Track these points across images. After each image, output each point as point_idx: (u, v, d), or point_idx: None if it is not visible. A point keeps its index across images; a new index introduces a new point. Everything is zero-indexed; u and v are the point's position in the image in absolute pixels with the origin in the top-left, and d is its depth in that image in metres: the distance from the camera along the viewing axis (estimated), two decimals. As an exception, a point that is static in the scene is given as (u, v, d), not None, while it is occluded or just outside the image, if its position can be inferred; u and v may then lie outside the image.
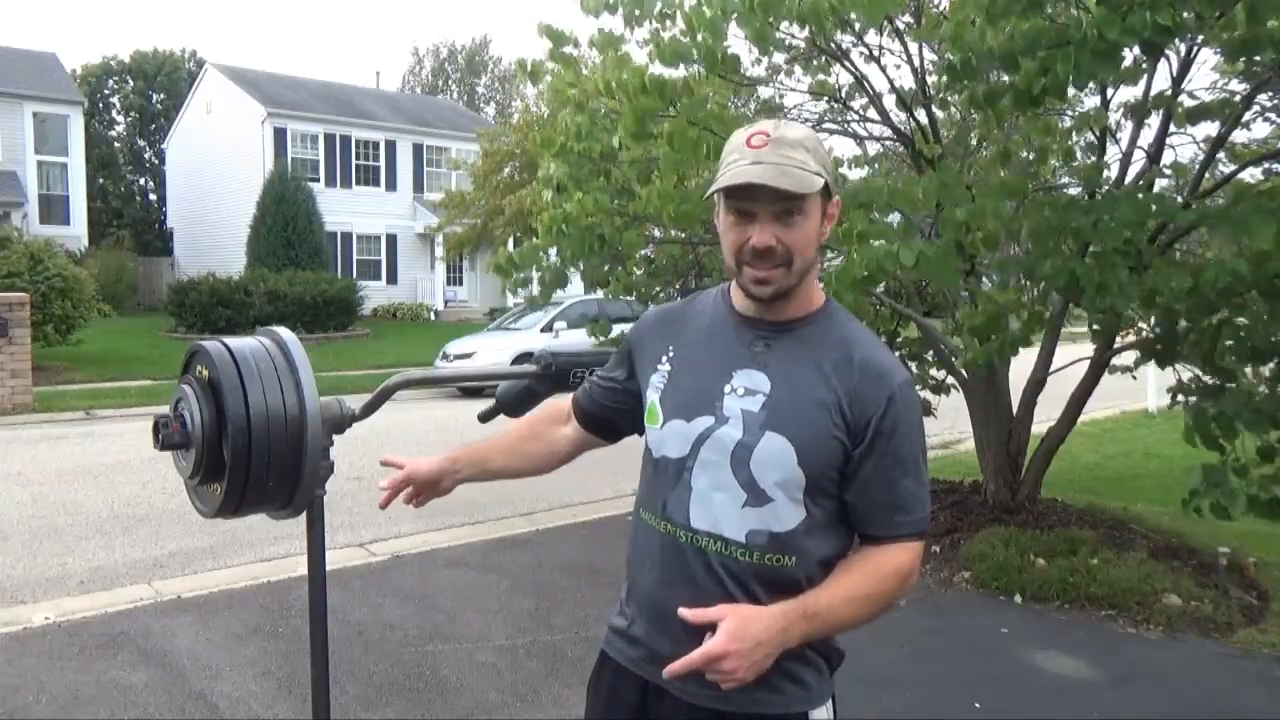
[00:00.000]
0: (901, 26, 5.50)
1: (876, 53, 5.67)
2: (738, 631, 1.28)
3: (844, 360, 1.39)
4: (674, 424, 1.44)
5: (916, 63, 5.62)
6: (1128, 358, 5.42)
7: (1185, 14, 3.12)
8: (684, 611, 1.32)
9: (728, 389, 1.41)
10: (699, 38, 4.54)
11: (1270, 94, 4.65)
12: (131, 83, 37.32)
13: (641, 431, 1.63)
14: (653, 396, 1.50)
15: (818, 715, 1.45)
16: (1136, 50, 3.32)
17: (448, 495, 1.79)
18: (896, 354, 6.57)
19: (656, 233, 6.21)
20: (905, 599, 1.45)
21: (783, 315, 1.44)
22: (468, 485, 1.80)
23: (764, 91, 6.12)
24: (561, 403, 1.75)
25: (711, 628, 1.30)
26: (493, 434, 1.83)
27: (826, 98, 5.98)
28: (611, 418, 1.68)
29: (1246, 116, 4.71)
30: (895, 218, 4.81)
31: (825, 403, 1.37)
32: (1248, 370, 4.17)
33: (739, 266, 1.40)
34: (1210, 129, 4.57)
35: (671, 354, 1.50)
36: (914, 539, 1.42)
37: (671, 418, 1.45)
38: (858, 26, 5.31)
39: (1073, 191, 5.32)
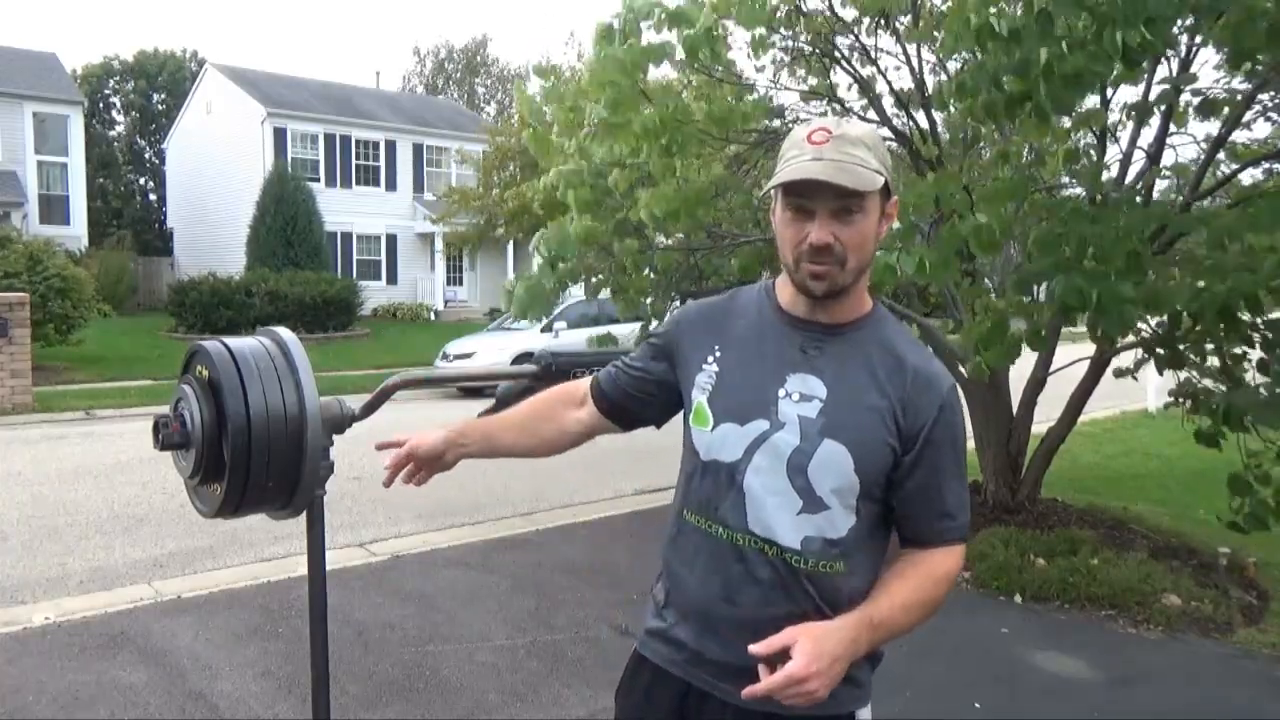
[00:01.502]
0: (901, 29, 5.50)
1: (874, 54, 5.67)
2: (815, 651, 1.26)
3: (896, 367, 1.39)
4: (726, 427, 1.41)
5: (915, 64, 5.63)
6: (1127, 358, 5.42)
7: (1169, 28, 3.14)
8: (754, 648, 1.28)
9: (782, 393, 1.39)
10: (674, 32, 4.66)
11: (1272, 93, 4.64)
12: (133, 83, 37.31)
13: (659, 425, 1.64)
14: (699, 397, 1.45)
15: (864, 715, 1.45)
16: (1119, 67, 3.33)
17: (449, 472, 1.75)
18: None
19: (662, 238, 6.22)
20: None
21: (834, 318, 1.42)
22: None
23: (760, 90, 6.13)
24: (575, 385, 1.71)
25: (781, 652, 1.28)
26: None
27: (825, 99, 5.98)
28: (633, 407, 1.63)
29: (1247, 116, 4.70)
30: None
31: (880, 409, 1.37)
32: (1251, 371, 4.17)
33: (795, 263, 1.37)
34: (1211, 128, 4.57)
35: (718, 353, 1.47)
36: (959, 543, 1.44)
37: (723, 420, 1.42)
38: (854, 30, 5.33)
39: (1070, 193, 5.32)
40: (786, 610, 1.36)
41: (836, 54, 5.62)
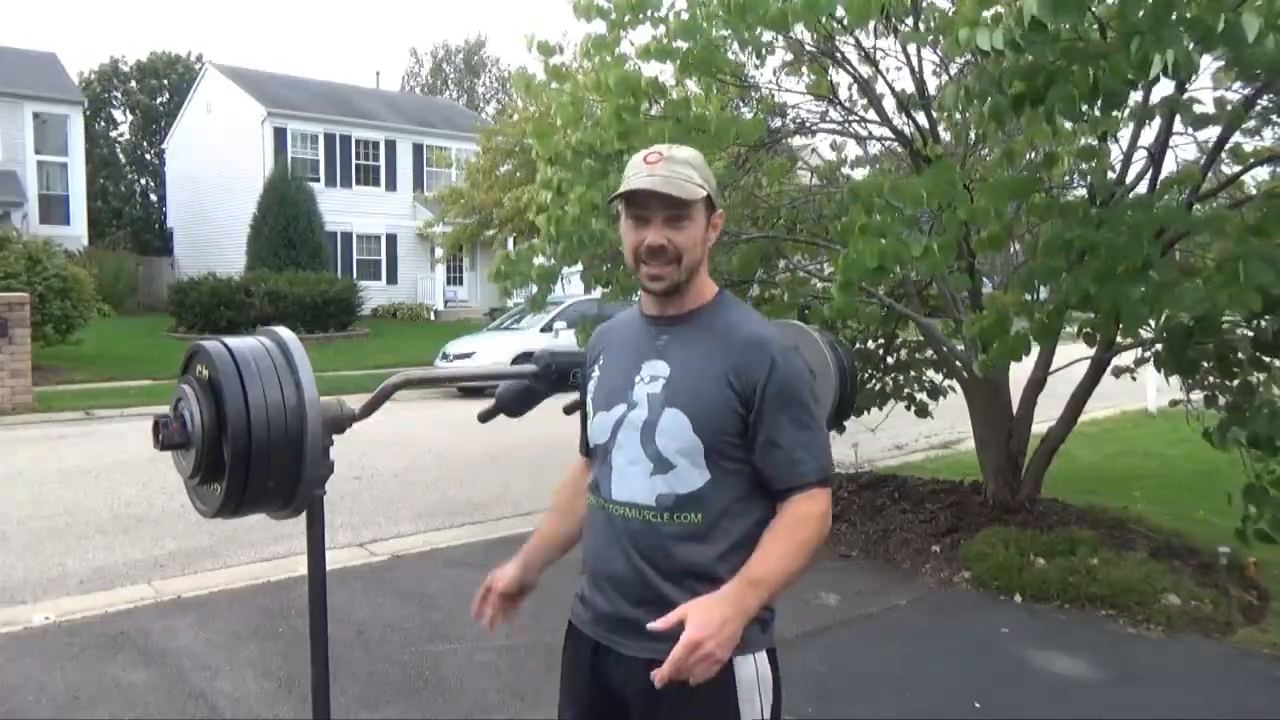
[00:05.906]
0: (903, 30, 5.48)
1: (874, 53, 5.66)
2: (702, 618, 1.43)
3: (730, 339, 1.61)
4: (600, 415, 1.68)
5: (915, 65, 5.62)
6: (1127, 357, 5.41)
7: (1188, 45, 3.14)
8: (653, 625, 1.45)
9: (638, 379, 1.64)
10: (678, 43, 4.65)
11: (1272, 96, 4.61)
12: (137, 84, 37.35)
13: None
14: (588, 397, 1.74)
15: (743, 664, 1.54)
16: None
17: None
18: (893, 356, 6.60)
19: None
20: (908, 599, 1.46)
21: (679, 310, 1.66)
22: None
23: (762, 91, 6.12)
24: (580, 459, 1.88)
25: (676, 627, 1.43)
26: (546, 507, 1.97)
27: (825, 99, 5.97)
28: None
29: (1252, 122, 4.67)
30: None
31: (715, 377, 1.58)
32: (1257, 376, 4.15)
33: (636, 264, 1.62)
34: (1213, 132, 4.54)
35: (601, 360, 1.75)
36: (816, 486, 1.58)
37: (598, 411, 1.69)
38: (854, 31, 5.32)
39: (1074, 195, 5.30)
40: (650, 564, 1.57)
41: (837, 55, 5.60)
